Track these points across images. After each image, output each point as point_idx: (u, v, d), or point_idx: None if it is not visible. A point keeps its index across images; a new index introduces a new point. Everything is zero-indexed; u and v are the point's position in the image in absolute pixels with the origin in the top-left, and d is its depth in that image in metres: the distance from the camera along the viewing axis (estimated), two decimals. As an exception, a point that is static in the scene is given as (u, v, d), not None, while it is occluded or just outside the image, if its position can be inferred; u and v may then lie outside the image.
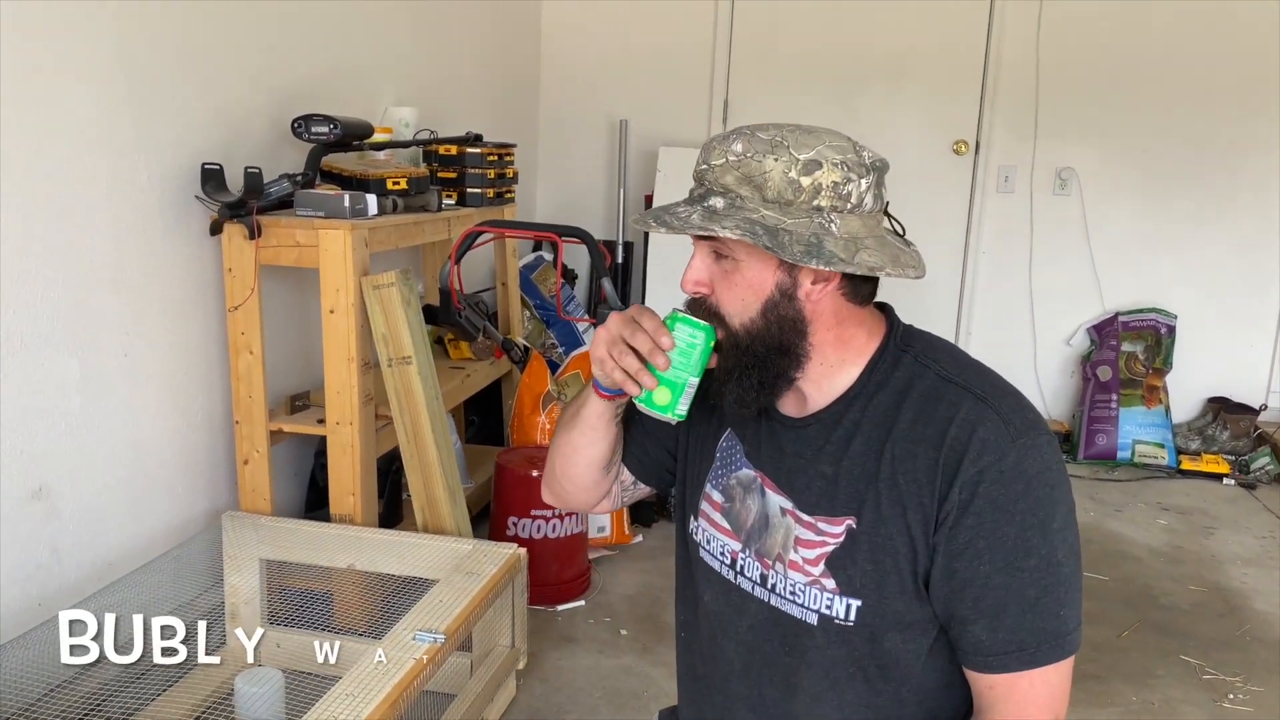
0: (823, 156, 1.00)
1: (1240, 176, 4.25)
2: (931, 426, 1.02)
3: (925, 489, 1.01)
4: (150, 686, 2.10)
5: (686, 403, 1.07)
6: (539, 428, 3.01)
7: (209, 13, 2.29)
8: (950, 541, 1.00)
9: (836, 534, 1.05)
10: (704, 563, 1.19)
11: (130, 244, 2.10)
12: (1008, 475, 0.98)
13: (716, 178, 1.02)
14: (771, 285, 1.04)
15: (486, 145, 3.08)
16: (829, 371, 1.08)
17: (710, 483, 1.19)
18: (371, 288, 2.27)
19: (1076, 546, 1.02)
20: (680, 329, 1.06)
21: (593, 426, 1.20)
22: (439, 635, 1.76)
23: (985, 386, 1.04)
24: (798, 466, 1.09)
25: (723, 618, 1.17)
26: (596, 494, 1.30)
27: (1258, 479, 4.04)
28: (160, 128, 2.16)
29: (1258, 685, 2.48)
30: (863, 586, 1.04)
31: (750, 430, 1.15)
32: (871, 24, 4.41)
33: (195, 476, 2.35)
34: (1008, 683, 1.01)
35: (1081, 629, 1.02)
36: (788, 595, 1.09)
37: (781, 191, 1.00)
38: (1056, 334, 4.46)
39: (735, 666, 1.16)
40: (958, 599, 1.01)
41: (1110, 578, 3.07)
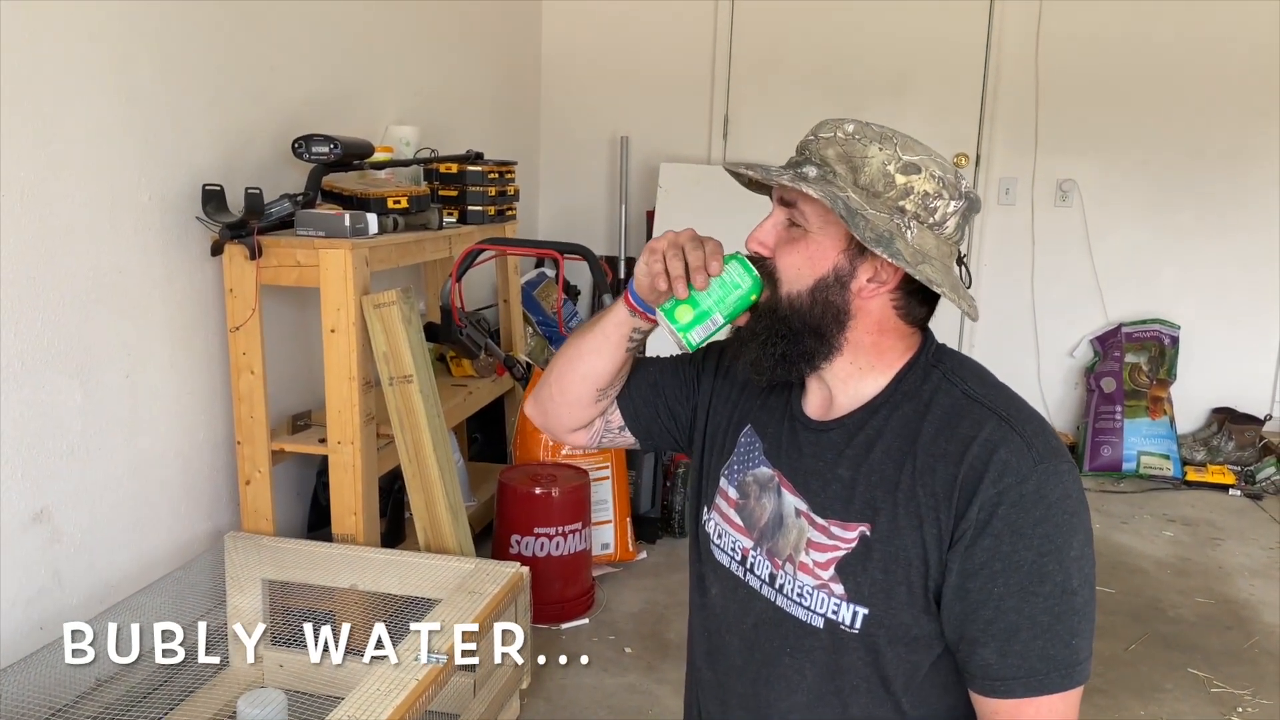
0: (924, 165, 1.03)
1: (1242, 187, 4.25)
2: (953, 443, 1.01)
3: (943, 504, 1.00)
4: (154, 708, 2.09)
5: (701, 335, 1.07)
6: (542, 445, 3.00)
7: (210, 34, 2.30)
8: (966, 561, 0.99)
9: (849, 540, 1.05)
10: (714, 557, 1.19)
11: (131, 265, 2.11)
12: (1028, 499, 0.98)
13: (818, 149, 1.05)
14: (830, 266, 1.04)
15: (487, 163, 3.09)
16: (858, 375, 1.09)
17: (725, 476, 1.19)
18: (372, 306, 2.27)
19: (1092, 577, 1.02)
20: (733, 266, 1.07)
21: (607, 335, 1.18)
22: (442, 655, 1.74)
23: (1011, 409, 1.04)
24: (816, 469, 1.09)
25: (728, 613, 1.17)
26: (580, 417, 1.27)
27: (1264, 489, 4.02)
28: (161, 149, 2.17)
29: (1266, 698, 2.46)
30: (871, 595, 1.03)
31: (771, 429, 1.15)
32: (871, 39, 4.43)
33: (197, 497, 2.35)
34: (1013, 709, 1.00)
35: (1091, 661, 1.01)
36: (795, 597, 1.08)
37: (874, 180, 1.02)
38: (1060, 346, 4.45)
39: (735, 662, 1.16)
40: (970, 620, 1.00)
41: (1117, 590, 3.06)
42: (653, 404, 1.27)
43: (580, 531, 2.75)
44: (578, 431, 1.30)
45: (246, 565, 2.26)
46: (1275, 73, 4.14)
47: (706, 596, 1.21)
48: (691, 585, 1.25)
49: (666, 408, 1.27)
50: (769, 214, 1.09)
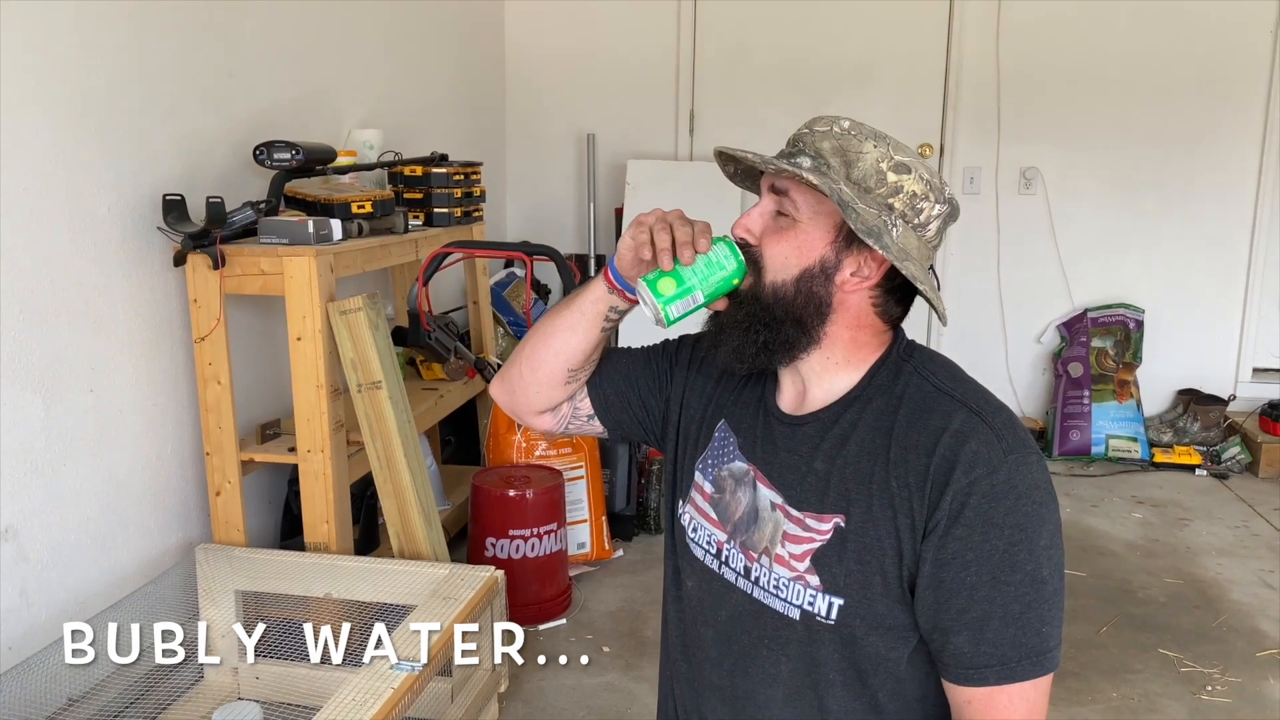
0: (914, 167, 1.06)
1: (1201, 172, 4.31)
2: (925, 435, 1.03)
3: (916, 495, 1.02)
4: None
5: (680, 310, 1.07)
6: (515, 446, 3.00)
7: (167, 42, 2.27)
8: (939, 551, 1.00)
9: (824, 531, 1.06)
10: (689, 550, 1.20)
11: (91, 278, 2.08)
12: (999, 489, 0.99)
13: (813, 141, 1.06)
14: (816, 257, 1.06)
15: (452, 165, 3.07)
16: (833, 369, 1.10)
17: (700, 470, 1.19)
18: (339, 313, 2.26)
19: (1061, 566, 1.03)
20: (720, 247, 1.08)
21: (583, 312, 1.18)
22: (417, 663, 1.74)
23: (980, 402, 1.05)
24: (791, 463, 1.10)
25: (703, 605, 1.18)
26: (548, 398, 1.26)
27: (1229, 469, 4.08)
28: (120, 159, 2.14)
29: (1235, 676, 2.50)
30: (847, 585, 1.04)
31: (746, 423, 1.17)
32: (834, 33, 4.45)
33: (167, 510, 2.32)
34: (986, 696, 1.01)
35: (1061, 648, 1.02)
36: (771, 589, 1.09)
37: (866, 176, 1.04)
38: (1027, 332, 4.50)
39: (711, 654, 1.17)
40: (943, 609, 1.01)
41: (1088, 573, 3.10)
42: (624, 395, 1.27)
43: (555, 532, 2.75)
44: (544, 414, 1.29)
45: (218, 577, 2.24)
46: (1232, 61, 4.21)
47: (682, 589, 1.22)
48: (666, 578, 1.26)
49: (639, 399, 1.27)
50: (757, 202, 1.11)
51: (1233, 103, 4.23)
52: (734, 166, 1.17)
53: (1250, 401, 4.34)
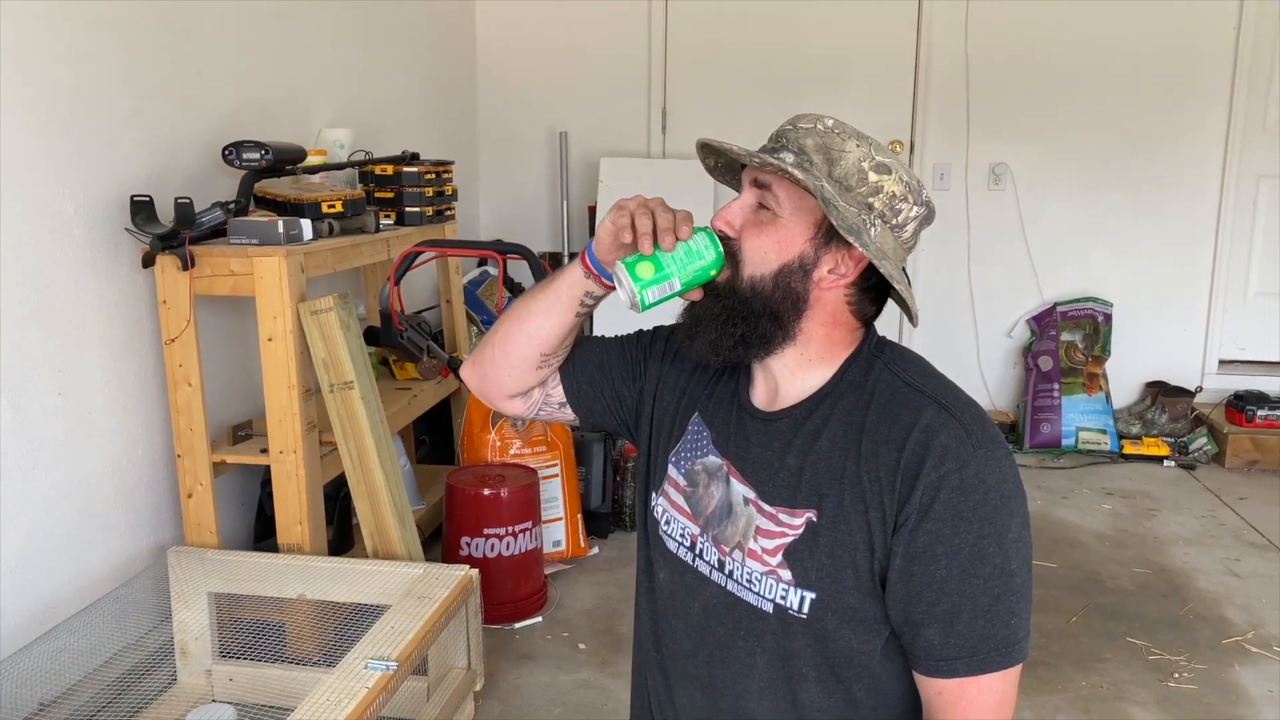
0: (895, 168, 1.07)
1: (1168, 168, 4.36)
2: (895, 430, 1.04)
3: (886, 489, 1.03)
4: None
5: (656, 296, 1.07)
6: (489, 445, 3.00)
7: (133, 42, 2.26)
8: (910, 544, 1.02)
9: (796, 526, 1.07)
10: (662, 542, 1.20)
11: (58, 280, 2.07)
12: (968, 483, 1.00)
13: (796, 138, 1.07)
14: (796, 252, 1.07)
15: (424, 163, 3.06)
16: (807, 365, 1.11)
17: (674, 464, 1.20)
18: (309, 313, 2.25)
19: (1029, 559, 1.05)
20: (701, 236, 1.08)
21: (559, 296, 1.18)
22: (391, 663, 1.74)
23: (949, 397, 1.07)
24: (764, 458, 1.11)
25: (676, 597, 1.19)
26: (520, 382, 1.26)
27: (1196, 459, 4.14)
28: (86, 160, 2.12)
29: (1201, 663, 2.54)
30: (818, 579, 1.05)
31: (720, 418, 1.17)
32: (805, 30, 4.47)
33: (138, 513, 2.31)
34: (956, 688, 1.03)
35: (1029, 639, 1.04)
36: (744, 582, 1.10)
37: (848, 175, 1.05)
38: (997, 326, 4.54)
39: (684, 646, 1.18)
40: (914, 602, 1.03)
41: (1058, 565, 3.13)
42: (597, 384, 1.28)
43: (530, 530, 2.75)
44: (515, 399, 1.29)
45: (191, 579, 2.23)
46: (1196, 58, 4.27)
47: (654, 580, 1.23)
48: (639, 569, 1.27)
49: (612, 389, 1.28)
50: (738, 196, 1.11)
51: (1197, 100, 4.29)
52: (715, 160, 1.18)
53: (1217, 393, 4.40)
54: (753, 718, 1.13)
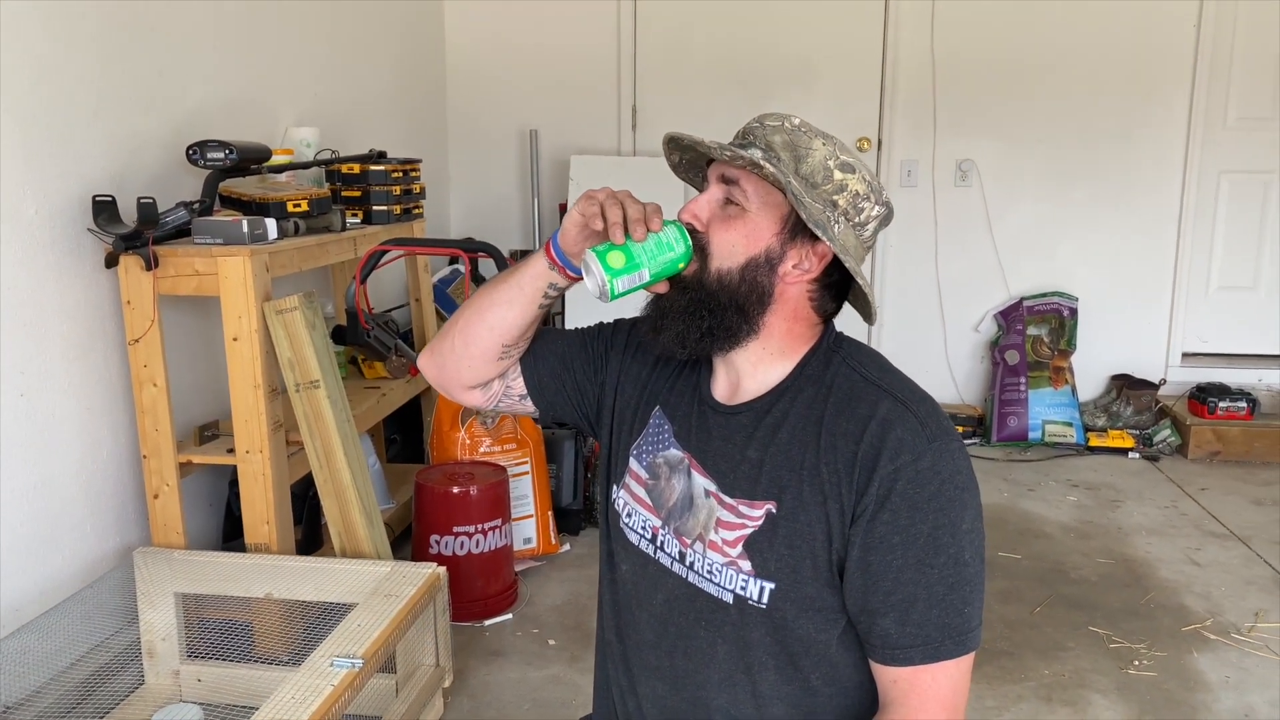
0: (858, 168, 1.10)
1: (1131, 164, 4.42)
2: (853, 422, 1.06)
3: (844, 481, 1.05)
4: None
5: (625, 286, 1.08)
6: (459, 443, 3.00)
7: (93, 42, 2.24)
8: (867, 535, 1.04)
9: (756, 518, 1.09)
10: (623, 534, 1.22)
11: (19, 281, 2.05)
12: (923, 475, 1.03)
13: (764, 135, 1.10)
14: (762, 247, 1.09)
15: (390, 162, 3.06)
16: (768, 359, 1.13)
17: (635, 456, 1.22)
18: (274, 313, 2.25)
19: (982, 550, 1.07)
20: (671, 229, 1.09)
21: (522, 287, 1.18)
22: (357, 660, 1.75)
23: (905, 391, 1.09)
24: (725, 451, 1.13)
25: (638, 589, 1.20)
26: (480, 373, 1.26)
27: (1160, 451, 4.20)
28: (46, 161, 2.11)
29: (1161, 650, 2.58)
30: (778, 570, 1.07)
31: (681, 411, 1.19)
32: (774, 27, 4.49)
33: (104, 514, 2.30)
34: (910, 676, 1.05)
35: (982, 628, 1.06)
36: (705, 574, 1.12)
37: (814, 172, 1.08)
38: (965, 321, 4.59)
39: (647, 637, 1.19)
40: (871, 591, 1.05)
41: (1023, 556, 3.17)
42: (559, 377, 1.29)
43: (500, 528, 2.76)
44: (474, 390, 1.29)
45: (157, 580, 2.22)
46: (1157, 56, 4.33)
47: (616, 572, 1.24)
48: (601, 562, 1.28)
49: (574, 383, 1.29)
50: (706, 190, 1.13)
51: (1159, 97, 4.36)
52: (679, 156, 1.20)
53: (1180, 385, 4.47)
54: (714, 706, 1.15)
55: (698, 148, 1.13)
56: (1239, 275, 4.52)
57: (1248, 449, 4.13)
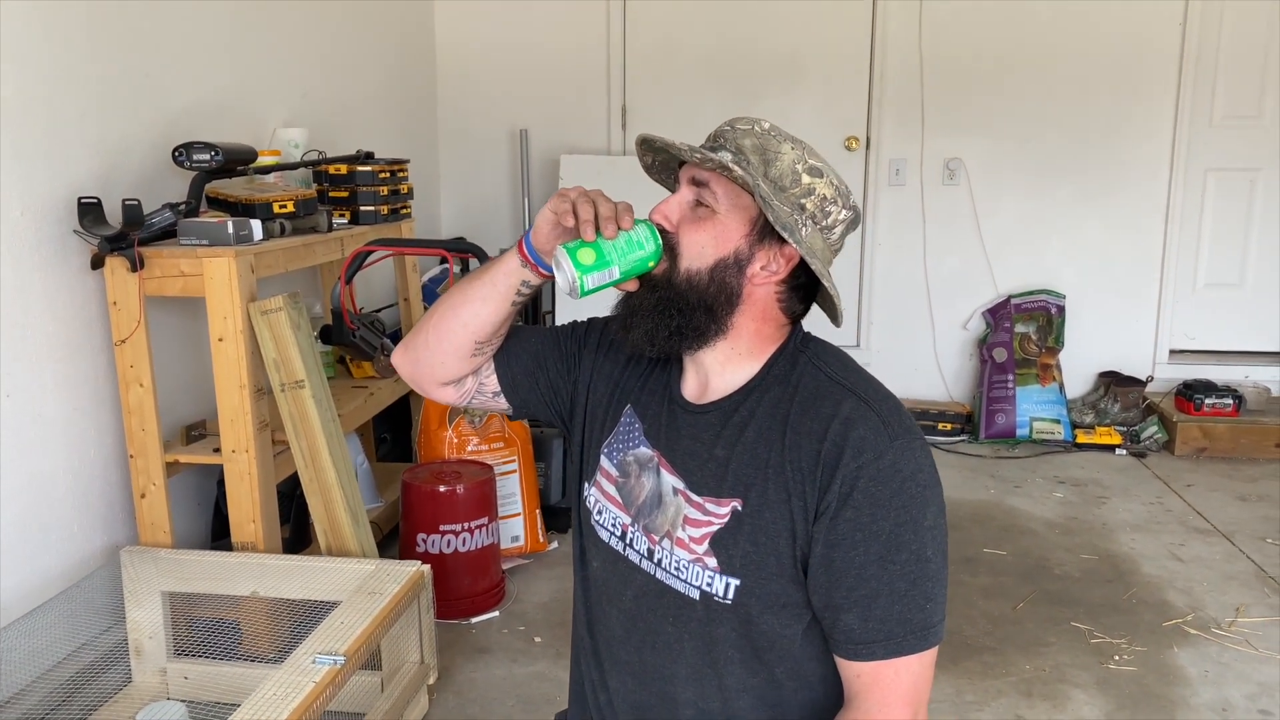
0: (826, 172, 1.12)
1: (1118, 162, 4.44)
2: (816, 421, 1.08)
3: (808, 479, 1.07)
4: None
5: (595, 283, 1.09)
6: (446, 442, 3.02)
7: (78, 44, 2.26)
8: (830, 532, 1.06)
9: (722, 515, 1.11)
10: (595, 531, 1.24)
11: (6, 282, 2.07)
12: (885, 473, 1.05)
13: (735, 138, 1.11)
14: (731, 248, 1.11)
15: (378, 162, 3.08)
16: (736, 360, 1.15)
17: (606, 454, 1.23)
18: (260, 313, 2.27)
19: (944, 546, 1.09)
20: (642, 227, 1.11)
21: (495, 284, 1.19)
22: (339, 657, 1.77)
23: (868, 390, 1.11)
24: (693, 450, 1.15)
25: (609, 585, 1.22)
26: (453, 370, 1.27)
27: (1147, 447, 4.23)
28: (32, 163, 2.13)
29: (1141, 645, 2.61)
30: (743, 566, 1.09)
31: (652, 410, 1.21)
32: (762, 26, 4.51)
33: (91, 513, 2.32)
34: (874, 670, 1.07)
35: (944, 624, 1.08)
36: (672, 570, 1.14)
37: (782, 175, 1.10)
38: (953, 319, 4.61)
39: (617, 633, 1.21)
40: (834, 587, 1.07)
41: (1008, 552, 3.20)
42: (533, 375, 1.30)
43: (487, 526, 2.78)
44: (447, 387, 1.30)
45: (144, 578, 2.24)
46: (1143, 53, 4.35)
47: (588, 569, 1.26)
48: (574, 558, 1.30)
49: (547, 381, 1.30)
50: (676, 191, 1.15)
51: (1145, 94, 4.38)
52: (652, 158, 1.22)
53: (1168, 382, 4.49)
54: (682, 700, 1.17)
55: (669, 149, 1.15)
56: (1226, 272, 4.54)
57: (1234, 445, 4.16)
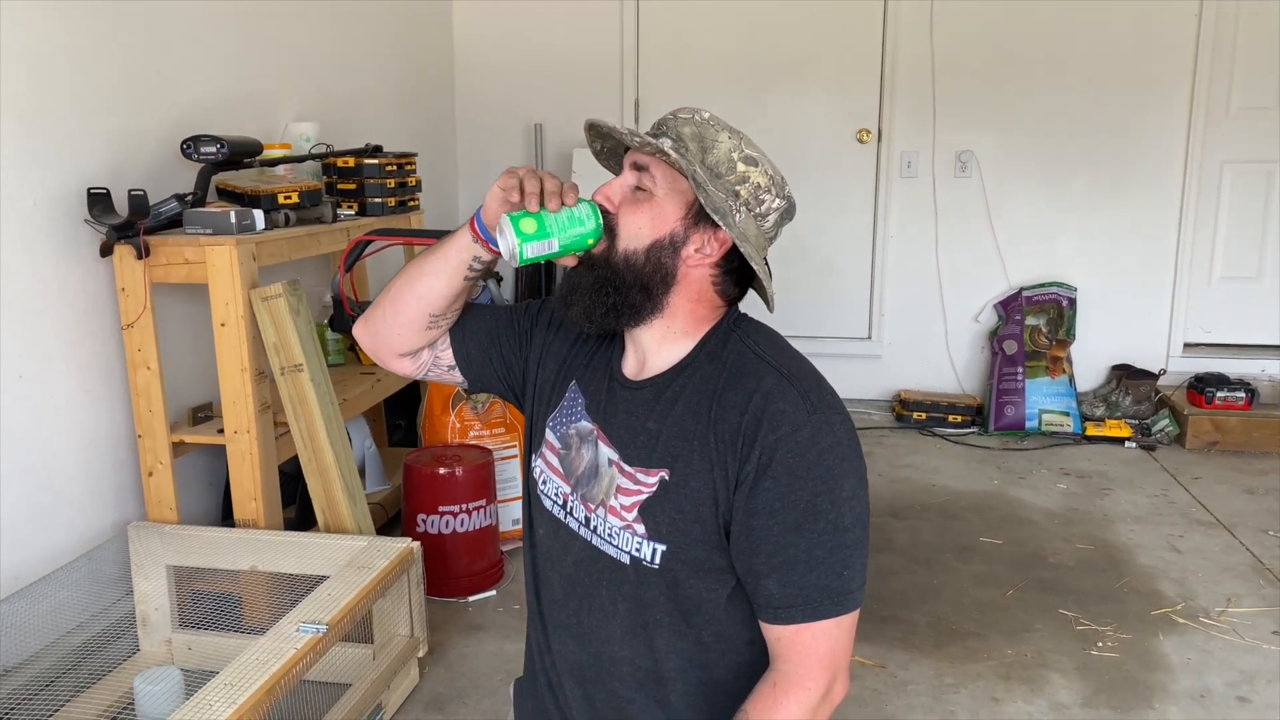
0: (761, 161, 1.19)
1: (1130, 154, 4.42)
2: (740, 395, 1.14)
3: (729, 450, 1.13)
4: (62, 692, 2.18)
5: (534, 252, 1.15)
6: (448, 427, 3.10)
7: (91, 42, 2.36)
8: (750, 501, 1.12)
9: (651, 484, 1.17)
10: (539, 500, 1.31)
11: (19, 269, 2.18)
12: (802, 445, 1.10)
13: (675, 126, 1.18)
14: (667, 230, 1.17)
15: (386, 155, 3.16)
16: (672, 338, 1.22)
17: (550, 428, 1.31)
18: (260, 300, 2.36)
19: (864, 516, 1.14)
20: (584, 206, 1.18)
21: (447, 259, 1.25)
22: (322, 625, 1.85)
23: (792, 367, 1.17)
24: (628, 423, 1.22)
25: (552, 552, 1.30)
26: (409, 341, 1.33)
27: (1158, 440, 4.21)
28: (45, 156, 2.23)
29: (1126, 633, 2.63)
30: (669, 533, 1.16)
31: (594, 386, 1.28)
32: (774, 21, 4.54)
33: (102, 491, 2.43)
34: (793, 633, 1.13)
35: (864, 590, 1.14)
36: (606, 537, 1.21)
37: (719, 163, 1.16)
38: (965, 311, 4.61)
39: (558, 595, 1.29)
40: (754, 554, 1.13)
41: (1004, 541, 3.22)
42: (486, 350, 1.37)
43: (485, 508, 2.86)
44: (404, 359, 1.37)
45: (150, 553, 2.35)
46: (1157, 45, 4.32)
47: (535, 536, 1.34)
48: (524, 527, 1.38)
49: (500, 357, 1.37)
50: (620, 175, 1.22)
51: (1158, 86, 4.35)
52: (600, 144, 1.29)
53: (1182, 376, 4.46)
54: (619, 658, 1.24)
55: (614, 134, 1.21)
56: (1242, 265, 4.50)
57: (1246, 439, 4.13)
